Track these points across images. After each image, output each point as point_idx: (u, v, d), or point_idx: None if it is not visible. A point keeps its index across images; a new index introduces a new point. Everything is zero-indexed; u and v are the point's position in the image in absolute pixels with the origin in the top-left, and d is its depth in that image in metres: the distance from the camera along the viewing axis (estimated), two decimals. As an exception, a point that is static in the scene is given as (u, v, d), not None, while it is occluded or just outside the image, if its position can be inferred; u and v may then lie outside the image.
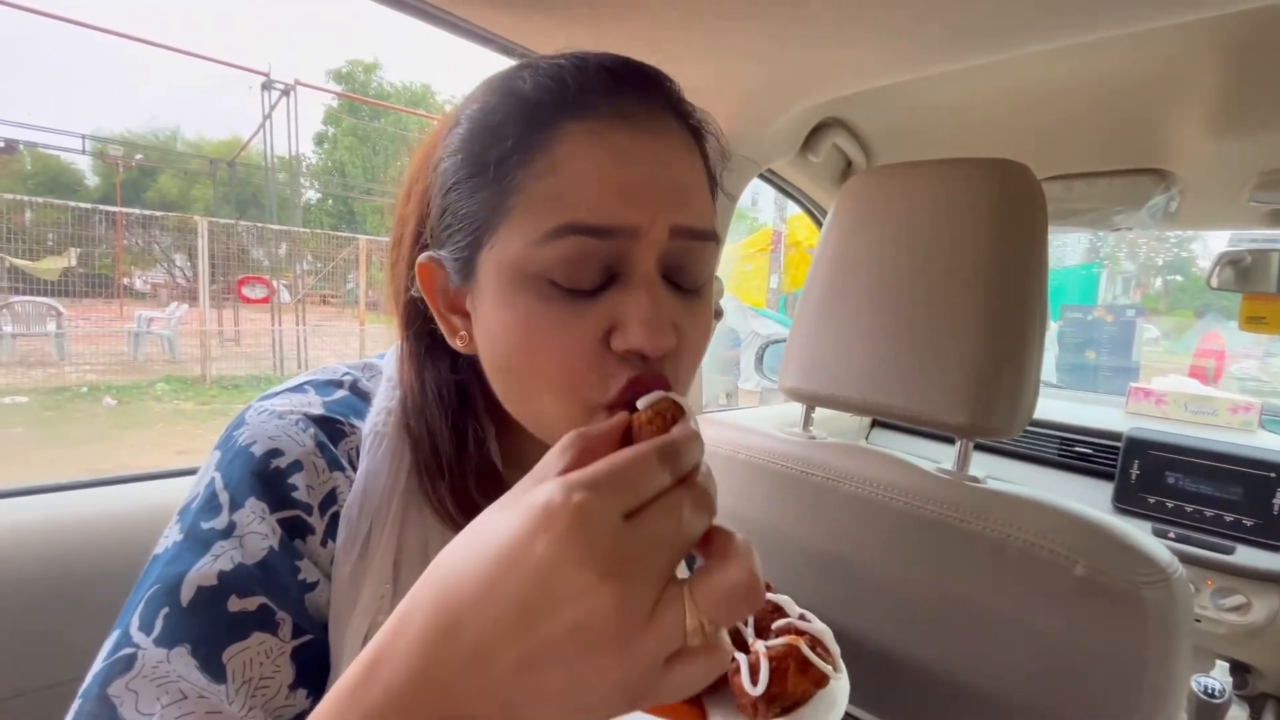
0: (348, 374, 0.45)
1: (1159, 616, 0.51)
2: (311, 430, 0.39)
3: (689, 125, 0.40)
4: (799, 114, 0.95)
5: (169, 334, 6.94)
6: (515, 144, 0.35)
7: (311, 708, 0.33)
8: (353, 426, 0.41)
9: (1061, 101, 0.93)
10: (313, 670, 0.36)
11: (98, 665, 0.32)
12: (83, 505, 0.65)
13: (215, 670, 0.32)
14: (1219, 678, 1.08)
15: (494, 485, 0.42)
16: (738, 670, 0.31)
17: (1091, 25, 0.62)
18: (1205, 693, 1.05)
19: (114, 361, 6.36)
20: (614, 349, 0.35)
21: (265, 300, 7.11)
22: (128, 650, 0.32)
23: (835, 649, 0.34)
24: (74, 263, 6.65)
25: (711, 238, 0.38)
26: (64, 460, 4.17)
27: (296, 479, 0.37)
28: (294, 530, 0.37)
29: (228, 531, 0.35)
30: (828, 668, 0.33)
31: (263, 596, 0.34)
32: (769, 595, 0.38)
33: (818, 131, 1.06)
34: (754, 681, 0.30)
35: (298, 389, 0.42)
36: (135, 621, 0.33)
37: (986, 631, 0.58)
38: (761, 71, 0.78)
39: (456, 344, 0.40)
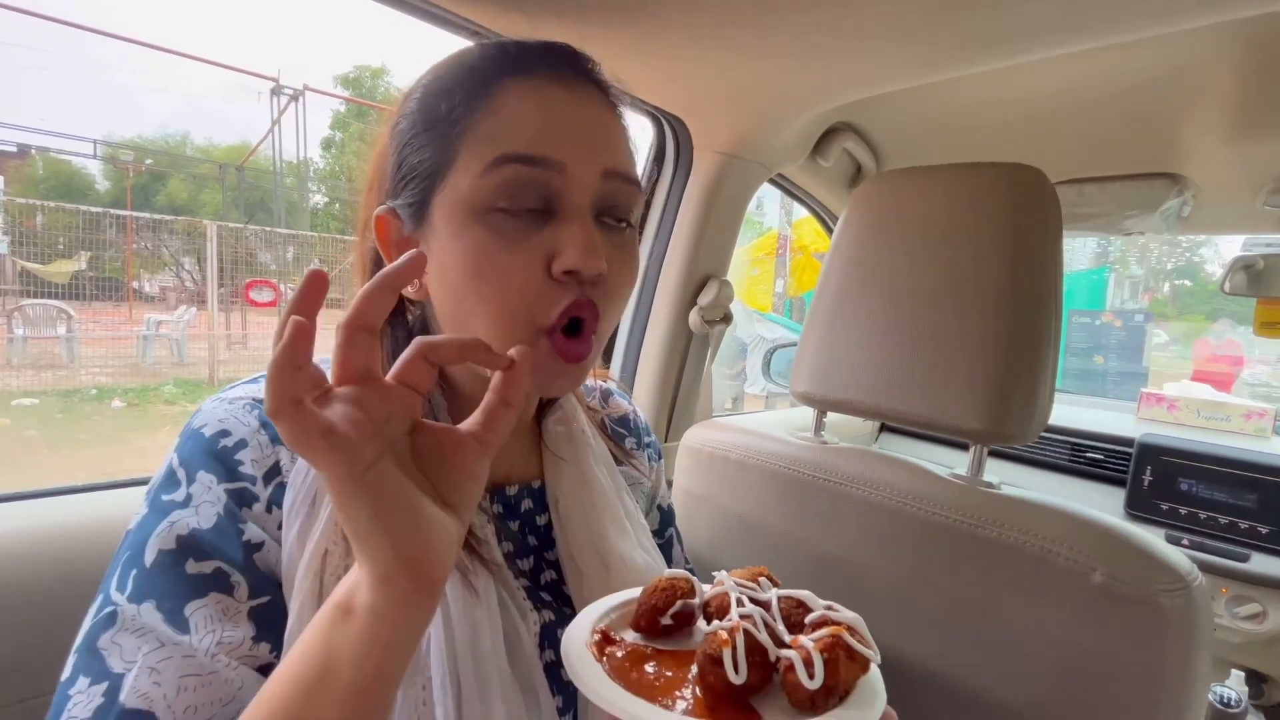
0: None
1: (1178, 625, 0.50)
2: (256, 411, 0.42)
3: (611, 96, 0.46)
4: (809, 119, 0.95)
5: (177, 337, 6.98)
6: (463, 98, 0.41)
7: (275, 660, 0.37)
8: None
9: (1074, 106, 0.93)
10: (274, 627, 0.38)
11: (87, 624, 0.36)
12: (88, 509, 0.65)
13: (179, 623, 0.35)
14: (1235, 687, 1.07)
15: None
16: (791, 667, 0.32)
17: (1105, 31, 0.62)
18: (1221, 703, 1.04)
19: (123, 364, 6.39)
20: (553, 273, 0.41)
21: (272, 304, 7.14)
22: (109, 609, 0.36)
23: (868, 634, 0.35)
24: (84, 266, 6.69)
25: (636, 184, 0.45)
26: (75, 462, 4.20)
27: (243, 455, 0.41)
28: (241, 499, 0.40)
29: (185, 502, 0.39)
30: (870, 653, 0.34)
31: (218, 561, 0.37)
32: (789, 592, 0.38)
33: (828, 136, 1.06)
34: (810, 676, 0.31)
35: (252, 380, 0.45)
36: (114, 584, 0.37)
37: (1001, 638, 0.58)
38: (773, 77, 0.78)
39: (409, 290, 0.45)
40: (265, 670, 0.37)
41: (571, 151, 0.41)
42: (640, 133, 1.04)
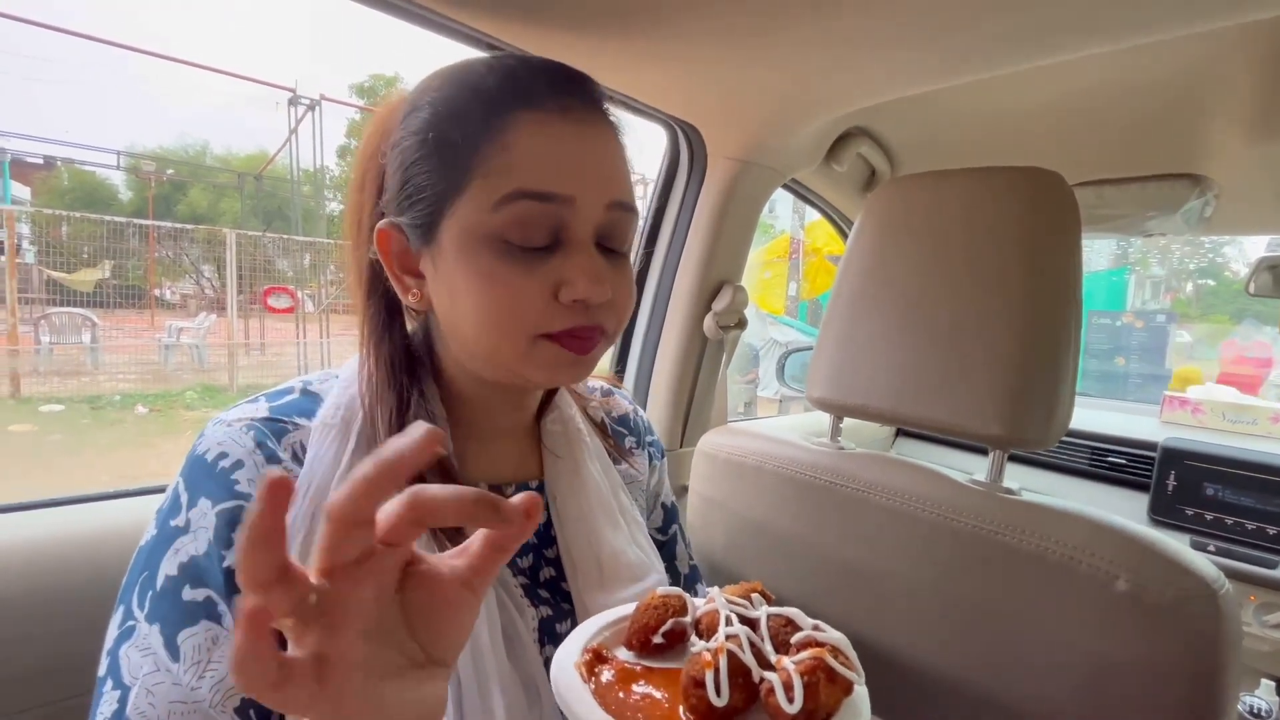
0: (301, 381, 0.50)
1: (1205, 634, 0.49)
2: (252, 432, 0.44)
3: (612, 121, 0.47)
4: (823, 124, 0.95)
5: (198, 343, 7.10)
6: (476, 128, 0.42)
7: None
8: (296, 424, 0.46)
9: (1093, 107, 0.92)
10: None
11: (114, 630, 0.39)
12: (116, 514, 0.66)
13: (173, 649, 0.37)
14: (1264, 697, 1.05)
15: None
16: (771, 691, 0.32)
17: (1121, 34, 0.61)
18: (1251, 713, 1.01)
19: (145, 371, 6.52)
20: (561, 301, 0.43)
21: (290, 310, 7.25)
22: (131, 622, 0.39)
23: (853, 655, 0.35)
24: (108, 274, 6.84)
25: (635, 211, 0.47)
26: (99, 466, 4.28)
27: (239, 475, 0.42)
28: (234, 518, 0.41)
29: (185, 528, 0.40)
30: (853, 675, 0.34)
31: (208, 589, 0.39)
32: (778, 610, 0.38)
33: (842, 141, 1.06)
34: (790, 699, 0.31)
35: (252, 401, 0.47)
36: (135, 599, 0.40)
37: (1023, 647, 0.57)
38: (786, 83, 0.78)
39: (409, 300, 0.47)
40: (254, 702, 0.38)
41: (580, 186, 0.43)
42: (653, 139, 1.05)
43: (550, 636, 0.48)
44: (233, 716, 0.37)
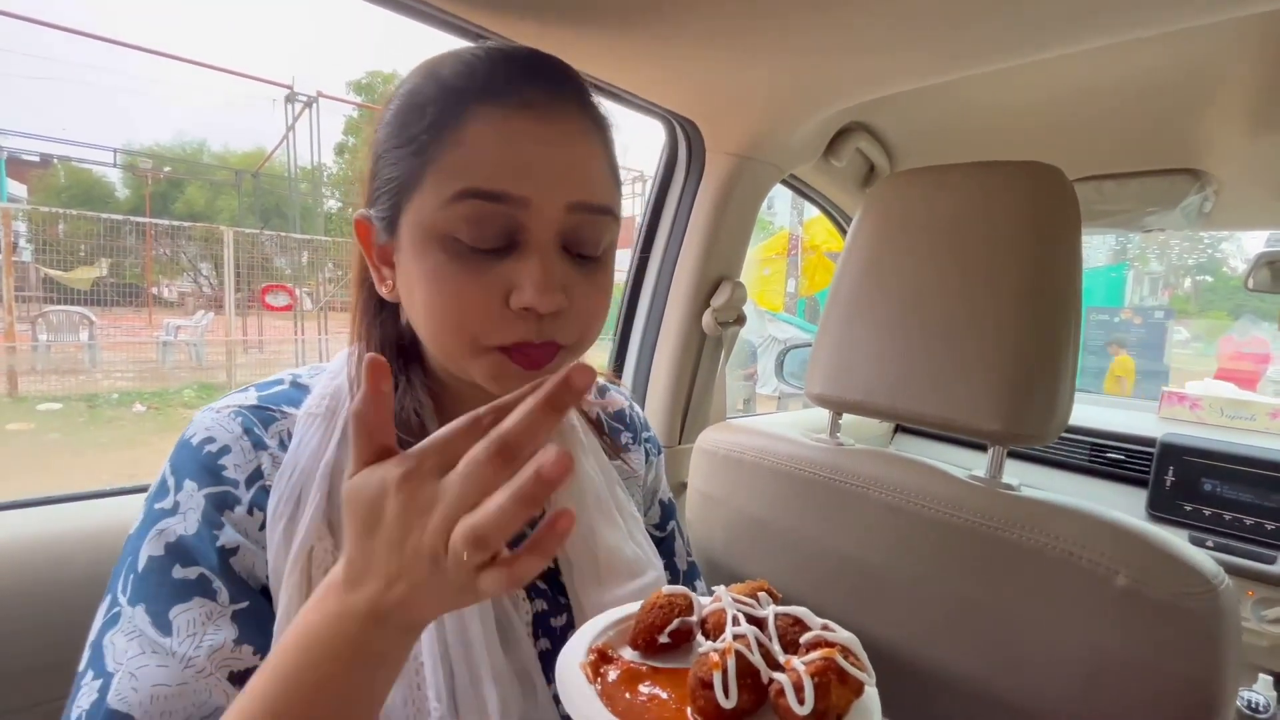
0: (290, 374, 0.51)
1: (1205, 629, 0.49)
2: (240, 419, 0.44)
3: (592, 116, 0.44)
4: (822, 119, 0.95)
5: (196, 342, 7.09)
6: (432, 121, 0.40)
7: (258, 662, 0.37)
8: (284, 412, 0.46)
9: (1091, 102, 0.92)
10: (258, 630, 0.40)
11: (99, 620, 0.39)
12: (114, 512, 0.66)
13: (164, 625, 0.38)
14: (1262, 692, 1.05)
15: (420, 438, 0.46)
16: (781, 692, 0.31)
17: (1121, 27, 0.61)
18: (1249, 708, 1.02)
19: (143, 369, 6.50)
20: (511, 307, 0.41)
21: (288, 308, 7.23)
22: (115, 609, 0.39)
23: (864, 655, 0.35)
24: (105, 272, 6.81)
25: (607, 213, 0.44)
26: (100, 465, 4.28)
27: (226, 460, 0.43)
28: (223, 502, 0.41)
29: (173, 510, 0.41)
30: (864, 675, 0.33)
31: (201, 567, 0.39)
32: (786, 609, 0.38)
33: (841, 136, 1.05)
34: (800, 701, 0.30)
35: (242, 390, 0.48)
36: (120, 585, 0.39)
37: (1023, 642, 0.57)
38: (785, 78, 0.77)
39: (383, 290, 0.47)
40: (246, 675, 0.37)
41: (536, 186, 0.40)
42: (652, 136, 1.04)
43: (545, 630, 0.49)
44: (226, 684, 0.37)
